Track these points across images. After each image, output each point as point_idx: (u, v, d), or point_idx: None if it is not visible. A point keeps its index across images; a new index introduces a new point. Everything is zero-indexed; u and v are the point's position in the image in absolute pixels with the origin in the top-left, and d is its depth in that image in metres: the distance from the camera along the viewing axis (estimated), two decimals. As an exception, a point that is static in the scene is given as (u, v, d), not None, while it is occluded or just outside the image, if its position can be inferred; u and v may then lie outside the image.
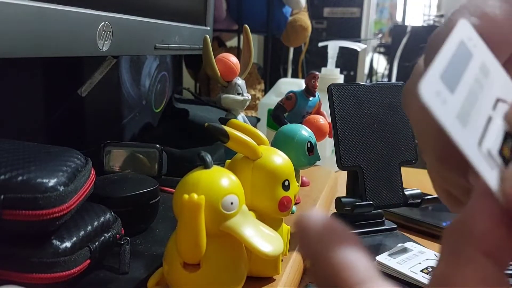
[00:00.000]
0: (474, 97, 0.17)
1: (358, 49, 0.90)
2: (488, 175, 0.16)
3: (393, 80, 1.80)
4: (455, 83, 0.16)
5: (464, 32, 0.17)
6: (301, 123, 0.51)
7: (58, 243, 0.30)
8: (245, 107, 0.53)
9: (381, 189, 0.46)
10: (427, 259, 0.42)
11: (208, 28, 0.71)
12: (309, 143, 0.44)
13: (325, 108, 0.51)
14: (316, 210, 0.17)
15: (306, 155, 0.44)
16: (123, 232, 0.36)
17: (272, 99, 0.85)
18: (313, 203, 0.54)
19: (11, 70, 0.52)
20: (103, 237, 0.33)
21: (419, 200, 0.47)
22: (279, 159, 0.34)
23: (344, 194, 0.50)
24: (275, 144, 0.44)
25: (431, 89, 0.15)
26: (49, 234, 0.30)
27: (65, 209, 0.29)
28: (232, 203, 0.28)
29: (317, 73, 0.55)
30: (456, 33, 0.17)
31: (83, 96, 0.56)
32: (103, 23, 0.42)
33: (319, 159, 0.45)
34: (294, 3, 1.06)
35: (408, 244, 0.45)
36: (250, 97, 0.52)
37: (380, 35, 2.40)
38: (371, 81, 2.08)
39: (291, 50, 1.32)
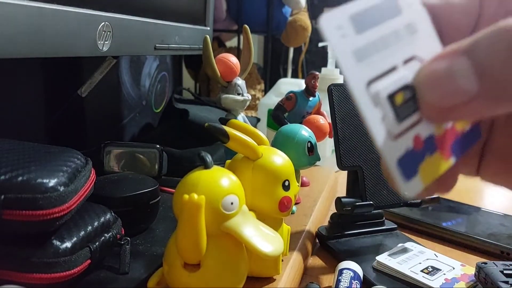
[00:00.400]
0: (385, 45, 0.17)
1: (358, 49, 0.89)
2: (369, 112, 0.16)
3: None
4: (364, 27, 0.17)
5: None
6: (301, 123, 0.51)
7: (58, 243, 0.30)
8: (245, 107, 0.53)
9: (381, 189, 0.46)
10: (427, 259, 0.42)
11: (208, 28, 0.71)
12: (309, 143, 0.44)
13: (325, 108, 0.51)
14: None
15: (306, 155, 0.44)
16: (123, 232, 0.36)
17: (272, 99, 0.86)
18: (313, 203, 0.54)
19: (11, 70, 0.52)
20: (103, 237, 0.33)
21: (419, 200, 0.47)
22: (279, 159, 0.34)
23: (344, 194, 0.50)
24: (275, 144, 0.44)
25: (333, 22, 0.16)
26: (49, 234, 0.30)
27: (65, 209, 0.29)
28: (232, 203, 0.28)
29: (317, 73, 0.55)
30: None
31: (83, 96, 0.56)
32: (103, 23, 0.42)
33: (319, 159, 0.45)
34: (294, 3, 1.06)
35: (408, 244, 0.45)
36: (250, 97, 0.52)
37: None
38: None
39: (291, 50, 1.32)
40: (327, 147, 0.78)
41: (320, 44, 0.86)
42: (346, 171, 0.49)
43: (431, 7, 0.19)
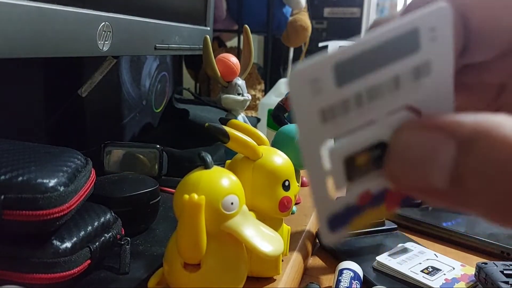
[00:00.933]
0: (373, 96, 0.14)
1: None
2: (315, 175, 0.14)
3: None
4: (354, 76, 0.13)
5: (431, 19, 0.14)
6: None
7: (58, 243, 0.30)
8: (245, 107, 0.53)
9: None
10: (427, 259, 0.42)
11: (208, 28, 0.71)
12: (309, 143, 0.44)
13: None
14: None
15: (306, 155, 0.44)
16: (123, 233, 0.36)
17: (272, 99, 0.86)
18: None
19: (11, 70, 0.52)
20: (103, 238, 0.33)
21: (419, 201, 0.47)
22: (279, 159, 0.34)
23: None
24: (275, 144, 0.44)
25: (307, 75, 0.13)
26: (50, 234, 0.30)
27: (65, 209, 0.29)
28: (232, 203, 0.28)
29: (317, 73, 0.55)
30: (415, 17, 0.14)
31: (83, 96, 0.56)
32: (103, 23, 0.42)
33: (319, 159, 0.45)
34: (294, 3, 1.06)
35: (408, 244, 0.45)
36: (250, 97, 0.52)
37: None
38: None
39: (291, 50, 1.32)
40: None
41: (320, 44, 0.86)
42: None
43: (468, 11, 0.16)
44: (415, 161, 0.14)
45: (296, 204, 0.53)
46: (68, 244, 0.30)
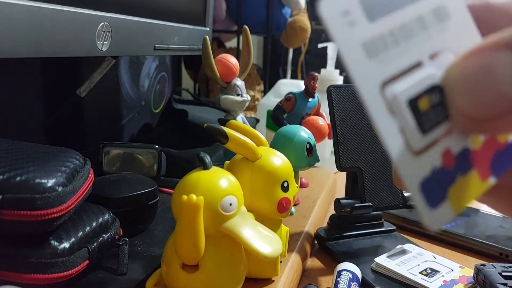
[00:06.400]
0: (405, 35, 0.14)
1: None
2: (383, 121, 0.13)
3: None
4: (379, 12, 0.13)
5: None
6: (300, 124, 0.51)
7: (56, 243, 0.29)
8: (244, 108, 0.53)
9: (380, 191, 0.46)
10: (426, 261, 0.42)
11: (208, 29, 0.70)
12: (308, 144, 0.44)
13: (325, 109, 0.51)
14: None
15: (305, 156, 0.44)
16: (121, 233, 0.36)
17: (272, 100, 0.86)
18: (312, 205, 0.54)
19: (11, 70, 0.52)
20: (101, 238, 0.33)
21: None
22: (278, 160, 0.34)
23: (343, 196, 0.50)
24: (274, 145, 0.44)
25: (337, 6, 0.13)
26: (48, 234, 0.30)
27: (63, 209, 0.29)
28: (231, 204, 0.28)
29: (316, 74, 0.55)
30: None
31: (82, 96, 0.56)
32: (103, 23, 0.41)
33: (318, 161, 0.45)
34: (293, 4, 1.06)
35: (407, 246, 0.45)
36: (249, 98, 0.52)
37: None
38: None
39: (291, 51, 1.32)
40: (326, 149, 0.78)
41: (320, 45, 0.86)
42: (345, 173, 0.49)
43: (469, 8, 0.16)
44: (480, 83, 0.13)
45: (295, 205, 0.53)
46: (66, 245, 0.30)
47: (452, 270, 0.41)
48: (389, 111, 0.13)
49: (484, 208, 0.60)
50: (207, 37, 0.48)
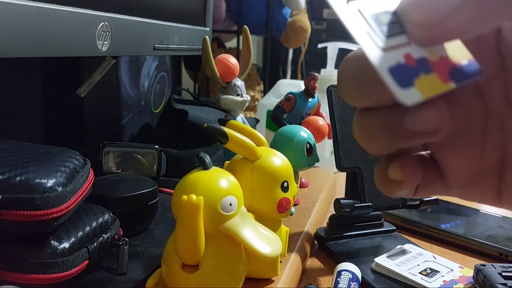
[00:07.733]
0: None
1: (358, 51, 0.89)
2: (352, 24, 0.17)
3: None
4: None
5: None
6: (300, 124, 0.51)
7: (56, 243, 0.29)
8: (244, 108, 0.53)
9: (380, 191, 0.46)
10: (425, 261, 0.42)
11: (208, 29, 0.70)
12: (308, 145, 0.44)
13: (324, 109, 0.51)
14: None
15: (305, 156, 0.44)
16: (121, 233, 0.36)
17: (271, 100, 0.86)
18: (312, 205, 0.54)
19: (10, 70, 0.52)
20: (101, 238, 0.33)
21: (418, 202, 0.47)
22: (278, 160, 0.34)
23: (343, 196, 0.50)
24: (274, 145, 0.44)
25: None
26: (47, 234, 0.30)
27: (63, 209, 0.29)
28: (231, 204, 0.28)
29: (316, 74, 0.55)
30: None
31: (82, 96, 0.56)
32: (103, 23, 0.41)
33: (318, 161, 0.45)
34: (293, 4, 1.06)
35: (406, 246, 0.45)
36: (249, 98, 0.52)
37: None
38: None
39: (291, 51, 1.32)
40: (326, 149, 0.78)
41: (320, 45, 0.86)
42: (345, 173, 0.49)
43: None
44: None
45: (294, 205, 0.53)
46: (66, 245, 0.30)
47: (452, 270, 0.41)
48: (356, 18, 0.17)
49: (484, 208, 0.60)
50: (207, 37, 0.48)
